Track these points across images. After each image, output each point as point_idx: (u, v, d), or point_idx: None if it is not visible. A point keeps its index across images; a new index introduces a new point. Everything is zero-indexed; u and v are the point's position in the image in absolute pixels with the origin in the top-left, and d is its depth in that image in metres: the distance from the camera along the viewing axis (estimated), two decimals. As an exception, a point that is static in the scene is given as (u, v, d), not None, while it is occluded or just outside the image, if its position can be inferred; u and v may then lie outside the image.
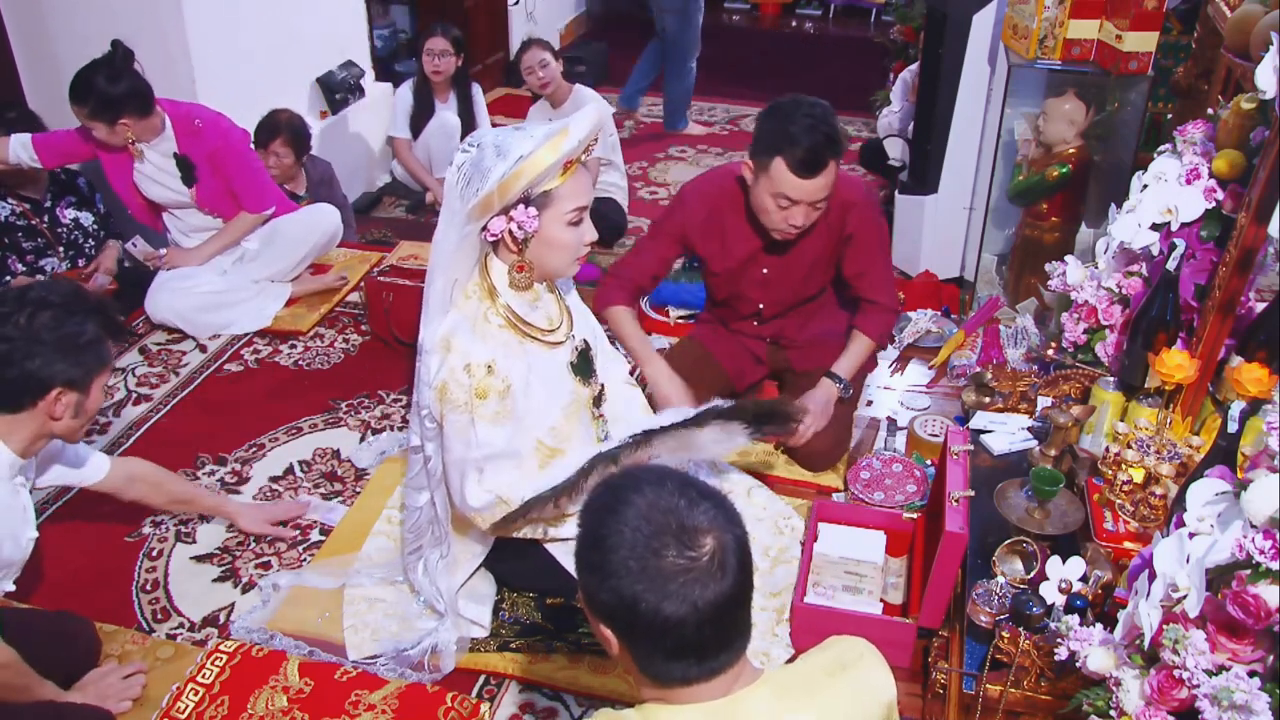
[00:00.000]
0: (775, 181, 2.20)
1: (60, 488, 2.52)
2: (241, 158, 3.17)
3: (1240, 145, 2.01)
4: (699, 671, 1.11)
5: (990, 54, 3.28)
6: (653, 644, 1.09)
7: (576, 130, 1.74)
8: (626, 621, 1.09)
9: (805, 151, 2.15)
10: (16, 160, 3.02)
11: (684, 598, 1.05)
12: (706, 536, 1.07)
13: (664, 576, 1.05)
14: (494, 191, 1.72)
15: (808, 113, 2.16)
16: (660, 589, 1.05)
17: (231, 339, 3.20)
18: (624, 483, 1.13)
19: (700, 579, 1.05)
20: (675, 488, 1.10)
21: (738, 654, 1.13)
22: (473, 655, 2.05)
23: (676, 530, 1.06)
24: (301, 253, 3.38)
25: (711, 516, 1.09)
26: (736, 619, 1.11)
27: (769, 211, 2.27)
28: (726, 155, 5.24)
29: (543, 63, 3.94)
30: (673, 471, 1.15)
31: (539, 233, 1.80)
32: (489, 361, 1.81)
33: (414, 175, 4.43)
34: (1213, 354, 1.95)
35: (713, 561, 1.06)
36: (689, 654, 1.09)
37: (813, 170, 2.17)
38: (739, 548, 1.09)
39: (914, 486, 2.40)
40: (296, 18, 4.11)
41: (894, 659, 1.97)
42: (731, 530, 1.09)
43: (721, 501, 1.12)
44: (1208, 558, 1.31)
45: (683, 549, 1.05)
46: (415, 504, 2.08)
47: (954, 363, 2.96)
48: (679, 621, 1.05)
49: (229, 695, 1.90)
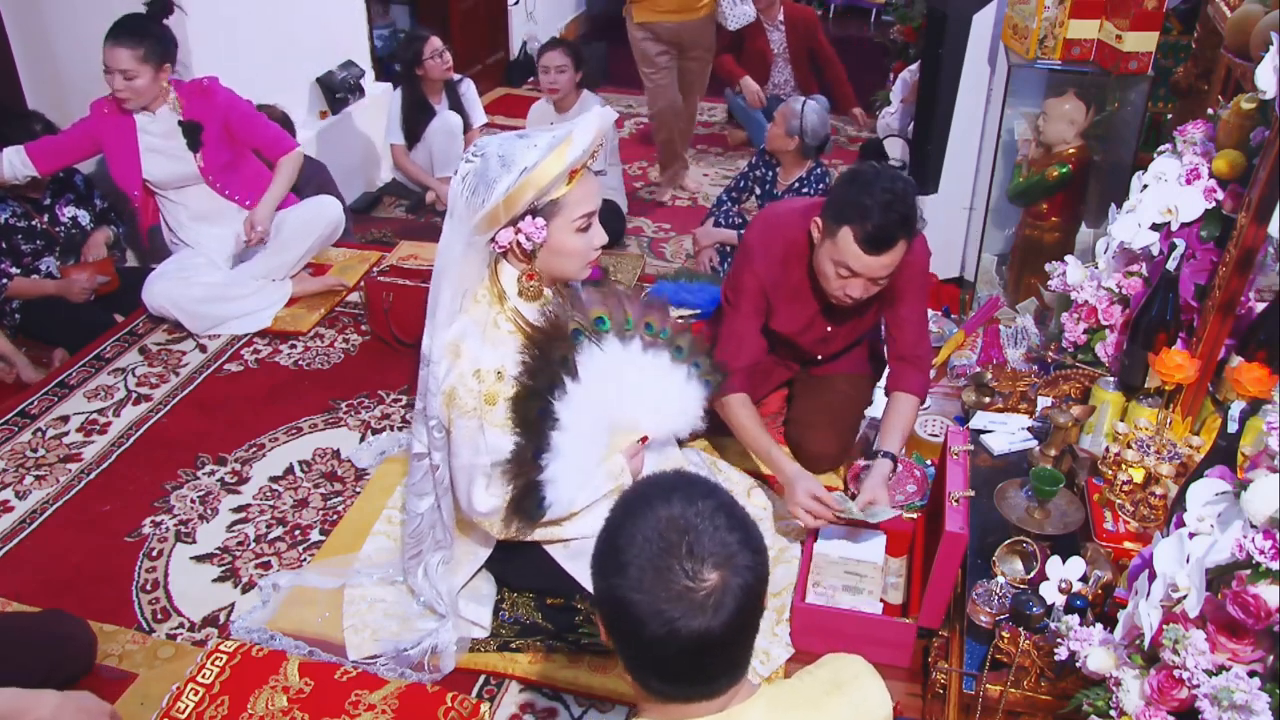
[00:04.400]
0: (840, 250, 2.12)
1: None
2: (251, 114, 3.22)
3: (1240, 145, 2.01)
4: (678, 693, 1.08)
5: (990, 54, 3.28)
6: (634, 655, 1.08)
7: (581, 139, 1.72)
8: (612, 623, 1.08)
9: (875, 227, 2.05)
10: (13, 175, 3.01)
11: (666, 621, 1.01)
12: (713, 572, 1.02)
13: (655, 594, 1.02)
14: (499, 205, 1.71)
15: (887, 187, 2.05)
16: (649, 605, 1.02)
17: (231, 339, 3.20)
18: (658, 487, 1.09)
19: (689, 610, 1.01)
20: (708, 509, 1.05)
21: (725, 686, 1.09)
22: (473, 655, 2.05)
23: (685, 554, 1.02)
24: (305, 245, 3.38)
25: (729, 551, 1.03)
26: (723, 657, 1.06)
27: (828, 277, 2.19)
28: (727, 155, 5.24)
29: (560, 68, 3.91)
30: (717, 489, 1.09)
31: (547, 241, 1.80)
32: (499, 367, 1.80)
33: (414, 179, 4.44)
34: (1213, 354, 1.95)
35: (708, 598, 1.01)
36: (667, 676, 1.07)
37: (880, 247, 2.08)
38: (744, 592, 1.03)
39: (914, 486, 2.39)
40: (296, 18, 4.11)
41: (894, 659, 1.99)
42: (744, 574, 1.03)
43: (750, 536, 1.06)
44: (1208, 558, 1.31)
45: (683, 575, 1.01)
46: (417, 510, 2.07)
47: (954, 363, 2.96)
48: (658, 642, 1.02)
49: (229, 695, 1.90)
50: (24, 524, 2.42)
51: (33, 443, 2.71)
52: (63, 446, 2.70)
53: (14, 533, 2.39)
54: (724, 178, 4.87)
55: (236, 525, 2.44)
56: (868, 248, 2.08)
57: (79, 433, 2.76)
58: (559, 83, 3.92)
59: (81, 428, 2.78)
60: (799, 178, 3.52)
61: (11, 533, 2.39)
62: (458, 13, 5.66)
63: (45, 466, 2.62)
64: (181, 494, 2.53)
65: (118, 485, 2.57)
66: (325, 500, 2.52)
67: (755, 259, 2.32)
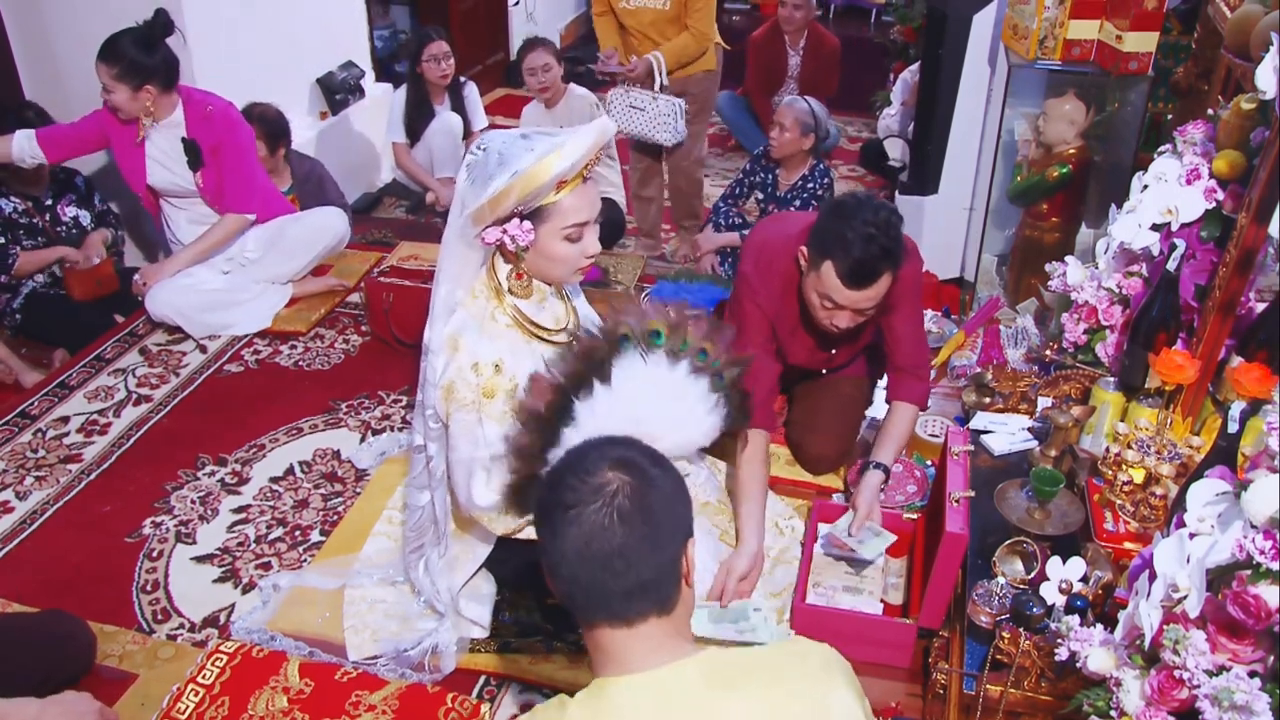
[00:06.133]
0: (823, 283, 2.08)
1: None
2: (240, 155, 3.16)
3: (1240, 145, 2.01)
4: (596, 611, 1.14)
5: (990, 54, 3.28)
6: (562, 579, 1.14)
7: (572, 150, 1.70)
8: (545, 551, 1.15)
9: (856, 263, 2.01)
10: (20, 158, 3.02)
11: (571, 519, 1.10)
12: (610, 471, 1.12)
13: (563, 497, 1.12)
14: (486, 204, 1.71)
15: (869, 219, 2.00)
16: (559, 506, 1.12)
17: (231, 339, 3.20)
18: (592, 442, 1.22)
19: (587, 499, 1.10)
20: (622, 440, 1.20)
21: (637, 609, 1.13)
22: (473, 656, 2.05)
23: (579, 459, 1.15)
24: (308, 257, 3.38)
25: (629, 457, 1.15)
26: (628, 570, 1.11)
27: (814, 307, 2.16)
28: (726, 157, 5.24)
29: (545, 66, 3.89)
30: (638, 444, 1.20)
31: (535, 245, 1.79)
32: (496, 361, 1.81)
33: (415, 178, 4.44)
34: (1213, 354, 1.95)
35: (605, 488, 1.11)
36: (582, 590, 1.14)
37: (861, 282, 2.04)
38: (638, 493, 1.11)
39: (914, 487, 2.40)
40: (296, 19, 4.11)
41: (894, 659, 1.99)
42: (639, 476, 1.13)
43: (660, 459, 1.18)
44: (1208, 558, 1.31)
45: (584, 475, 1.12)
46: (417, 503, 2.08)
47: (954, 363, 2.96)
48: (571, 552, 1.11)
49: (229, 696, 1.90)
50: (24, 524, 2.42)
51: (33, 443, 2.71)
52: (63, 447, 2.70)
53: (14, 533, 2.39)
54: (724, 178, 4.87)
55: (237, 526, 2.44)
56: (849, 282, 2.03)
57: (79, 433, 2.76)
58: (548, 81, 3.91)
59: (82, 428, 2.78)
60: (802, 175, 3.52)
61: (12, 533, 2.39)
62: (457, 13, 5.66)
63: (45, 467, 2.62)
64: (182, 494, 2.53)
65: (118, 486, 2.57)
66: (325, 501, 2.52)
67: (757, 290, 2.28)
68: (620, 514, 1.10)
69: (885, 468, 2.22)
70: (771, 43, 5.00)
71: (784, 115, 3.45)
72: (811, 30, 5.00)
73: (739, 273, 2.34)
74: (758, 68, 5.05)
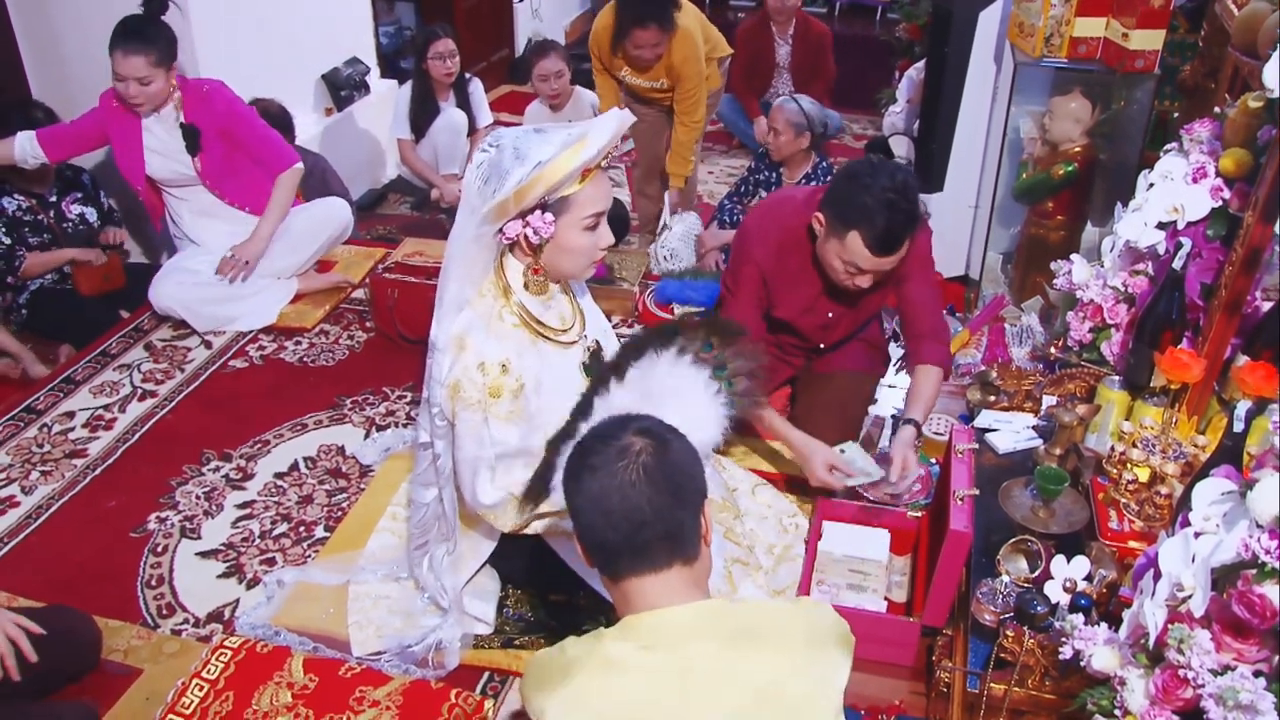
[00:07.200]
0: (849, 251, 2.13)
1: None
2: (251, 122, 3.19)
3: (1247, 144, 2.00)
4: (626, 564, 1.24)
5: (996, 52, 3.27)
6: (591, 536, 1.26)
7: (596, 139, 1.72)
8: (575, 515, 1.28)
9: (884, 231, 2.08)
10: (22, 159, 3.02)
11: (599, 479, 1.23)
12: (634, 437, 1.26)
13: (587, 457, 1.26)
14: (510, 197, 1.71)
15: (888, 185, 2.05)
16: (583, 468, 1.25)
17: (237, 335, 3.20)
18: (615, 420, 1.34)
19: (613, 461, 1.23)
20: (640, 415, 1.33)
21: (664, 558, 1.24)
22: (477, 652, 2.05)
23: (604, 430, 1.29)
24: (314, 247, 3.39)
25: (649, 424, 1.28)
26: (655, 523, 1.22)
27: (835, 270, 2.22)
28: (730, 153, 5.23)
29: (559, 73, 3.88)
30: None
31: (554, 237, 1.80)
32: (503, 360, 1.80)
33: (419, 175, 4.44)
34: (1218, 353, 1.95)
35: (630, 449, 1.24)
36: (612, 547, 1.24)
37: (890, 249, 2.11)
38: (660, 453, 1.24)
39: (919, 485, 2.39)
40: (301, 15, 4.12)
41: (898, 657, 1.99)
42: (659, 438, 1.26)
43: (677, 432, 1.30)
44: (1213, 557, 1.31)
45: (608, 441, 1.26)
46: (422, 500, 2.08)
47: (959, 361, 2.95)
48: (599, 506, 1.23)
49: (234, 691, 1.90)
50: (29, 519, 2.43)
51: (38, 438, 2.72)
52: (68, 442, 2.71)
53: (20, 528, 2.40)
54: (729, 175, 4.87)
55: (241, 521, 2.44)
56: (878, 250, 2.11)
57: (84, 428, 2.77)
58: (559, 88, 3.91)
59: (87, 423, 2.79)
60: (805, 174, 3.51)
61: (17, 528, 2.40)
62: (462, 10, 5.66)
63: (51, 462, 2.63)
64: (186, 490, 2.54)
65: (123, 481, 2.57)
66: (330, 497, 2.52)
67: (753, 247, 2.34)
68: (645, 469, 1.23)
69: (917, 423, 2.29)
70: (760, 33, 4.98)
71: (775, 119, 3.45)
72: (799, 18, 5.00)
73: (740, 230, 2.42)
74: (745, 59, 5.00)
